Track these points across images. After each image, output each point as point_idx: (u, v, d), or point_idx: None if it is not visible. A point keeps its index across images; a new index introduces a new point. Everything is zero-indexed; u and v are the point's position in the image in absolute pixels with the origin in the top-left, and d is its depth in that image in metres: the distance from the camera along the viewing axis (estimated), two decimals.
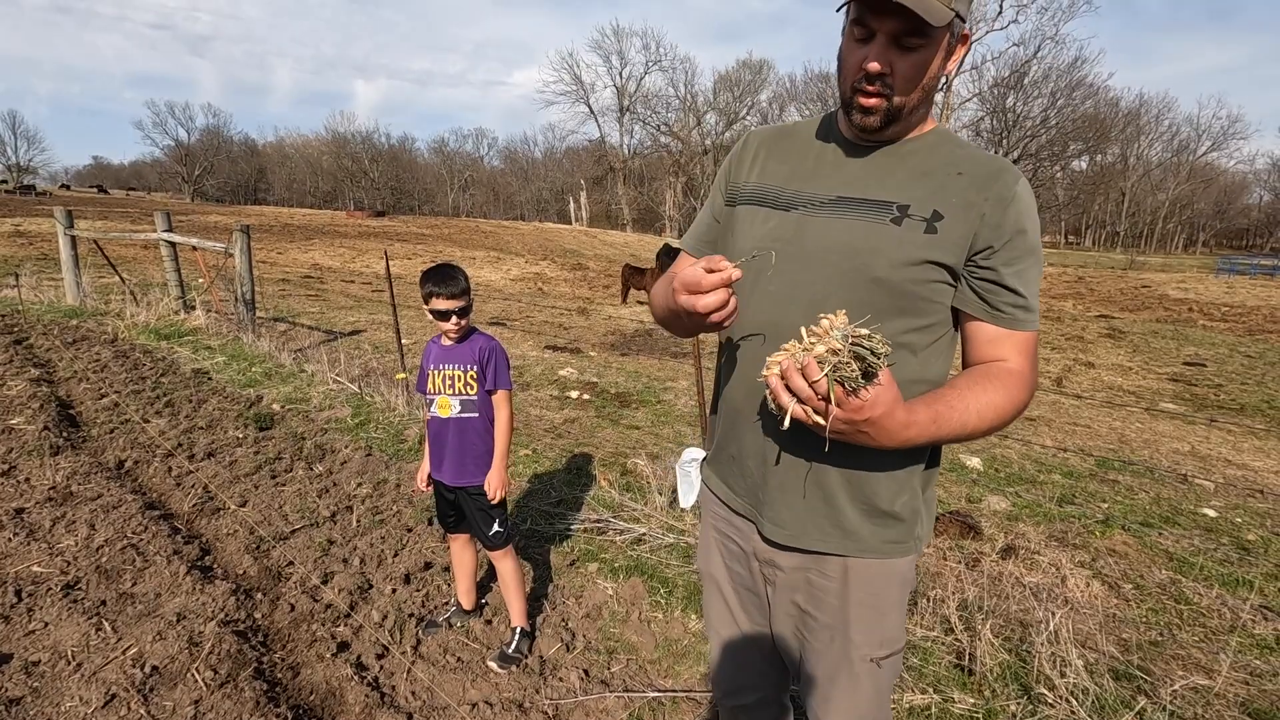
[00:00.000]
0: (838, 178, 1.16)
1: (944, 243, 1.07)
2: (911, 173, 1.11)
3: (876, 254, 1.08)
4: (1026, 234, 1.07)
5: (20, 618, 2.38)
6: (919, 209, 1.08)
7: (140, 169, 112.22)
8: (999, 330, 1.10)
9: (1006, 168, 1.09)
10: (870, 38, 1.03)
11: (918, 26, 0.99)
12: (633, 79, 68.23)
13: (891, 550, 1.19)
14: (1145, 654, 2.51)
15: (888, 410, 0.95)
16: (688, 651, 2.48)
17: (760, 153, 1.28)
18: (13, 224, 22.98)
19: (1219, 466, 5.40)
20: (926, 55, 1.03)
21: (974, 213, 1.06)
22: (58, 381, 5.40)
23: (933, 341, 1.14)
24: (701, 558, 1.46)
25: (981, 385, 1.07)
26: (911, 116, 1.10)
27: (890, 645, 1.23)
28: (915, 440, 1.01)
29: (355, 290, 14.09)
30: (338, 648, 2.35)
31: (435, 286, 2.21)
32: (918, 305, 1.10)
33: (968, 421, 1.05)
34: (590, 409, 5.69)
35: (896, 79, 1.04)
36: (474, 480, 2.34)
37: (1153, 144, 68.56)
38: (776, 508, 1.20)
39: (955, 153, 1.12)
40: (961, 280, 1.10)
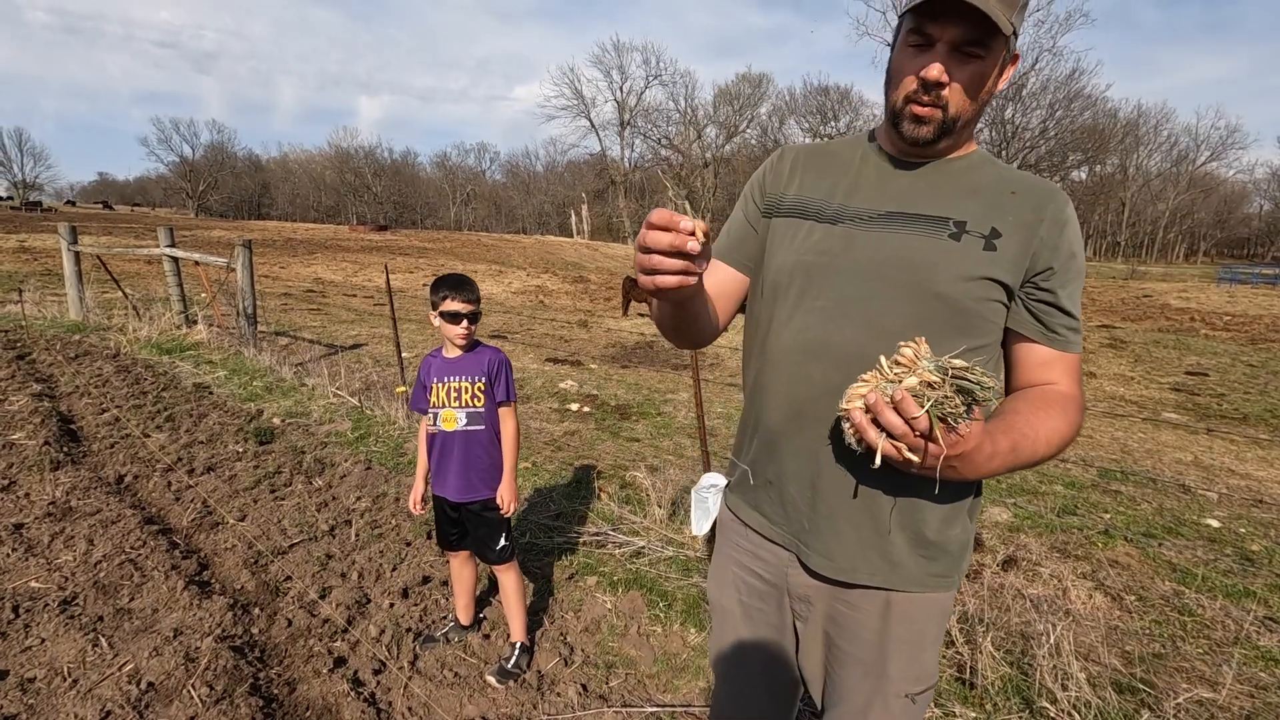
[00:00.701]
0: (886, 192, 1.13)
1: (1003, 261, 1.05)
2: (963, 189, 1.09)
3: (937, 268, 1.05)
4: (1076, 256, 1.07)
5: (17, 634, 2.37)
6: (976, 225, 1.06)
7: (145, 185, 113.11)
8: (1052, 352, 1.08)
9: (1058, 190, 1.09)
10: (929, 45, 1.01)
11: (981, 36, 0.98)
12: (633, 93, 68.84)
13: (937, 584, 1.15)
14: (1148, 666, 2.48)
15: (977, 444, 0.92)
16: (687, 666, 2.46)
17: (798, 167, 1.23)
18: (18, 240, 23.14)
19: (1222, 476, 5.37)
20: (986, 67, 1.01)
21: (1032, 233, 1.05)
22: (59, 396, 5.41)
23: (986, 363, 1.10)
24: (714, 589, 1.38)
25: (1045, 410, 1.04)
26: (963, 131, 1.08)
27: (925, 681, 1.18)
28: (997, 471, 0.98)
29: (357, 304, 14.13)
30: (335, 663, 2.33)
31: (450, 289, 2.20)
32: (975, 324, 1.07)
33: (1038, 449, 1.02)
34: (590, 421, 5.69)
35: (954, 90, 1.02)
36: (481, 495, 2.31)
37: (1152, 154, 68.82)
38: (825, 539, 1.14)
39: (1003, 173, 1.11)
40: (1017, 301, 1.08)
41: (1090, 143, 48.10)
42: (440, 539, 2.47)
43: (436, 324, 2.26)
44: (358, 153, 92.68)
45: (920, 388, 0.86)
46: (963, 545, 1.16)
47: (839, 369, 1.06)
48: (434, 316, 2.26)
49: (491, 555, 2.36)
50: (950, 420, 0.86)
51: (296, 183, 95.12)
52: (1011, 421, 1.01)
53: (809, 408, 1.11)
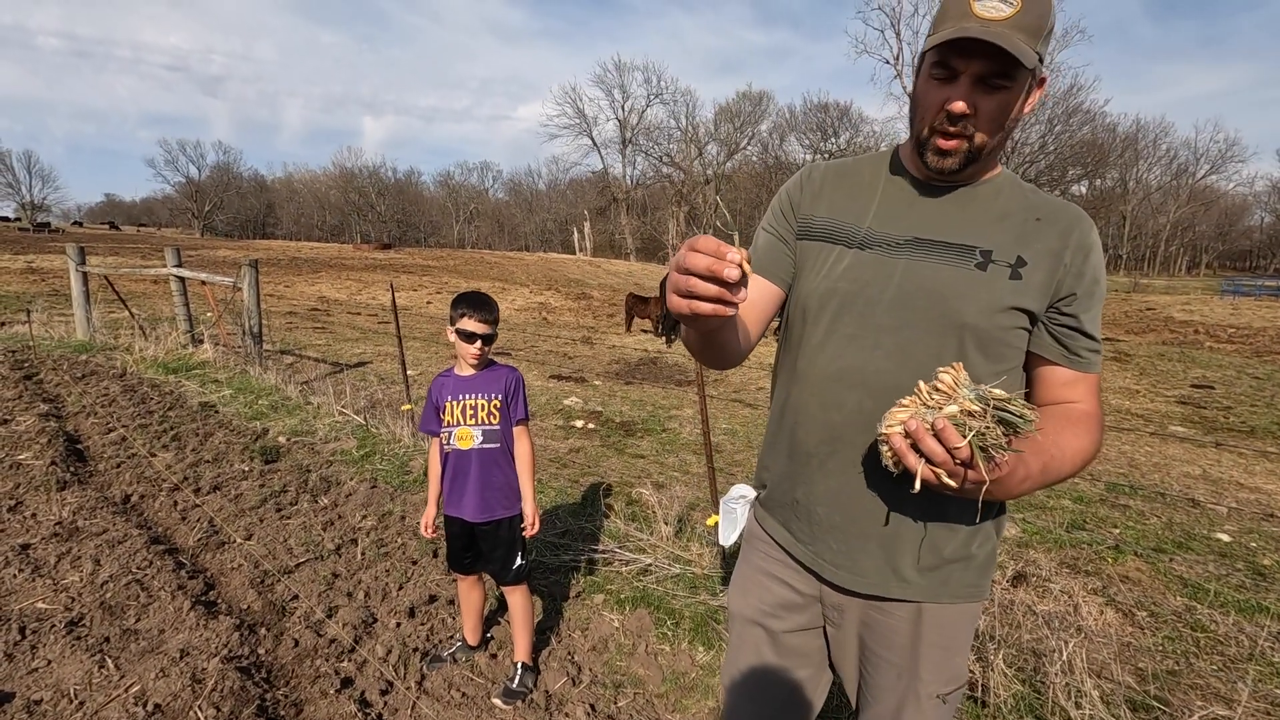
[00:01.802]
0: (912, 217, 1.14)
1: (1028, 289, 1.07)
2: (989, 216, 1.10)
3: (965, 300, 1.07)
4: (1099, 282, 1.09)
5: (24, 655, 2.36)
6: (1002, 255, 1.08)
7: (151, 205, 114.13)
8: (1073, 374, 1.11)
9: (1082, 215, 1.10)
10: (953, 78, 1.02)
11: (1005, 68, 0.98)
12: (635, 112, 69.50)
13: (968, 594, 1.18)
14: (1162, 684, 2.46)
15: (1011, 469, 0.94)
16: (696, 685, 2.44)
17: (825, 187, 1.24)
18: (25, 261, 23.33)
19: (1231, 490, 5.34)
20: (1011, 96, 1.01)
21: (1057, 261, 1.07)
22: (66, 416, 5.43)
23: (1009, 384, 1.12)
24: (736, 598, 1.38)
25: (1070, 430, 1.06)
26: (990, 158, 1.09)
27: (956, 681, 1.22)
28: (1028, 491, 1.01)
29: (361, 322, 14.19)
30: (341, 684, 2.32)
31: (469, 308, 2.20)
32: (1001, 350, 1.10)
33: (1064, 468, 1.04)
34: (595, 438, 5.69)
35: (980, 119, 1.03)
36: (498, 515, 2.30)
37: (1151, 168, 69.10)
38: (855, 557, 1.17)
39: (1029, 198, 1.12)
40: (1040, 326, 1.10)
41: (1090, 157, 48.32)
42: (453, 562, 2.43)
43: (452, 340, 2.26)
44: (362, 172, 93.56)
45: (961, 416, 0.87)
46: (989, 555, 1.19)
47: (872, 397, 1.10)
48: (450, 332, 2.25)
49: (508, 575, 2.35)
50: (991, 450, 0.88)
51: (301, 202, 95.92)
52: (1041, 444, 1.01)
53: (842, 433, 1.14)
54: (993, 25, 0.96)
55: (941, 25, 1.01)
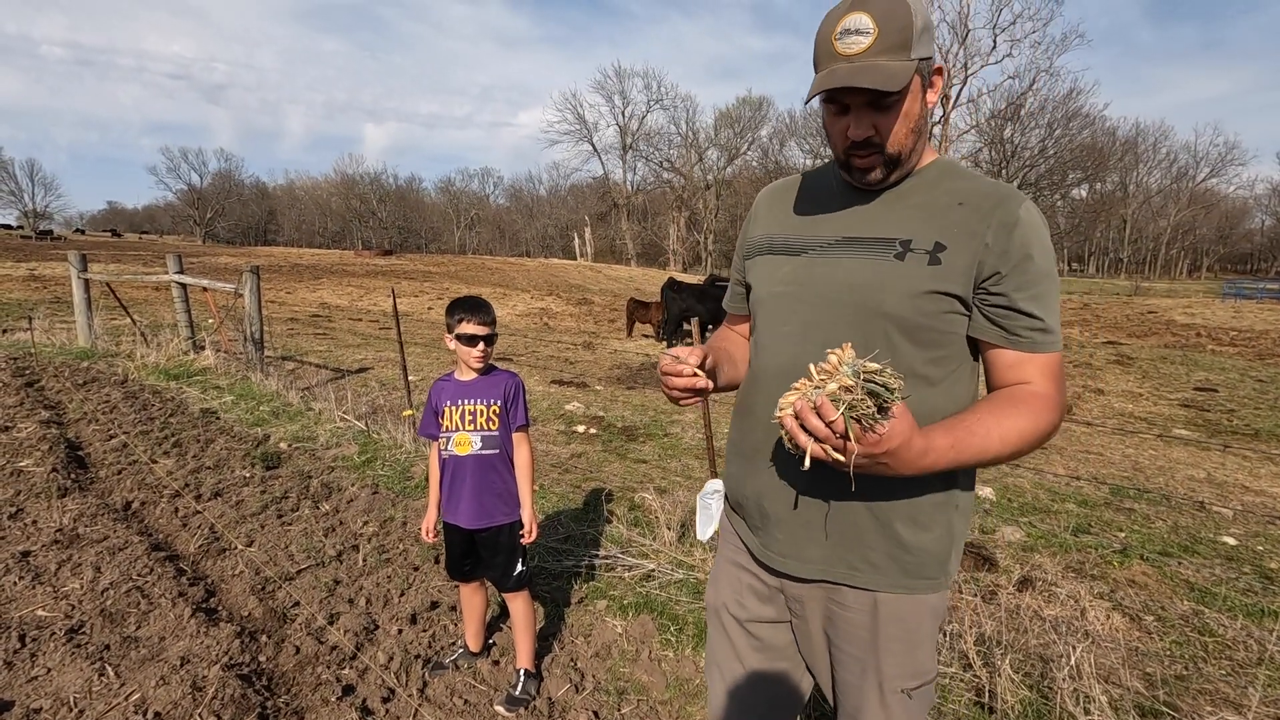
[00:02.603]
0: (843, 220, 1.19)
1: (948, 273, 1.08)
2: (914, 209, 1.13)
3: (883, 289, 1.10)
4: (1034, 258, 1.07)
5: (23, 663, 2.35)
6: (921, 242, 1.10)
7: (153, 213, 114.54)
8: (1019, 354, 1.10)
9: (1010, 194, 1.09)
10: (846, 110, 1.08)
11: (882, 93, 1.03)
12: (635, 117, 69.67)
13: (923, 586, 1.18)
14: (1171, 689, 2.43)
15: (905, 441, 0.94)
16: (699, 691, 2.42)
17: (768, 208, 1.34)
18: (28, 268, 23.39)
19: (1236, 493, 5.31)
20: (904, 104, 1.06)
21: (977, 241, 1.07)
22: (67, 423, 5.43)
23: (951, 371, 1.14)
24: (711, 591, 1.44)
25: (1004, 409, 1.06)
26: (910, 159, 1.13)
27: (921, 676, 1.22)
28: (935, 466, 1.00)
29: (363, 328, 14.20)
30: (343, 691, 2.30)
31: (466, 312, 2.18)
32: (931, 337, 1.11)
33: (989, 446, 1.03)
34: (597, 443, 5.67)
35: (883, 135, 1.08)
36: (497, 521, 2.28)
37: (1151, 171, 69.20)
38: (802, 544, 1.20)
39: (957, 184, 1.13)
40: (974, 309, 1.10)
41: (1090, 161, 48.40)
42: (452, 568, 2.41)
43: (452, 347, 2.24)
44: (363, 179, 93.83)
45: (839, 392, 0.90)
46: (945, 546, 1.18)
47: None
48: (449, 340, 2.23)
49: (509, 582, 2.33)
50: (864, 422, 0.90)
51: (302, 209, 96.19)
52: (960, 419, 1.05)
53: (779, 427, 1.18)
54: (856, 59, 1.02)
55: (817, 65, 1.08)
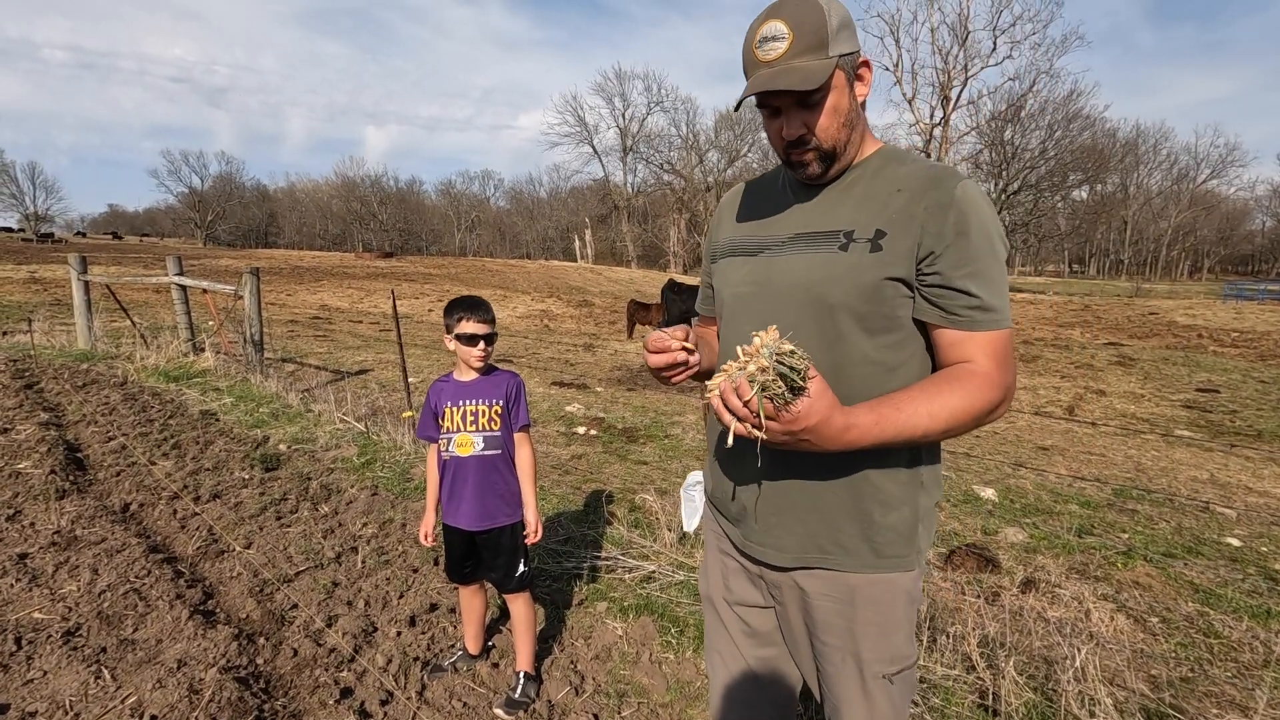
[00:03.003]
0: (794, 218, 1.24)
1: (890, 258, 1.11)
2: (857, 200, 1.17)
3: (830, 281, 1.14)
4: (969, 235, 1.08)
5: (19, 666, 2.33)
6: (863, 231, 1.13)
7: (154, 215, 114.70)
8: (959, 334, 1.11)
9: (945, 175, 1.11)
10: (778, 112, 1.14)
11: (808, 91, 1.08)
12: (635, 120, 69.74)
13: (893, 565, 1.20)
14: (1177, 691, 2.41)
15: (823, 418, 0.97)
16: (701, 694, 2.40)
17: (729, 212, 1.40)
18: (29, 271, 23.40)
19: (1239, 494, 5.29)
20: (831, 100, 1.12)
21: (914, 224, 1.10)
22: (66, 425, 5.41)
23: (908, 356, 1.16)
24: (702, 581, 1.48)
25: (938, 387, 1.08)
26: (846, 150, 1.17)
27: (901, 661, 1.23)
28: (858, 443, 1.02)
29: (363, 330, 14.19)
30: (341, 694, 2.28)
31: (465, 311, 2.16)
32: (882, 323, 1.13)
33: (917, 423, 1.05)
34: (597, 444, 5.65)
35: (815, 132, 1.13)
36: (499, 522, 2.26)
37: (1152, 173, 69.22)
38: (777, 533, 1.24)
39: (897, 171, 1.16)
40: (915, 291, 1.13)
41: (1090, 162, 48.36)
42: (452, 571, 2.38)
43: (452, 348, 2.21)
44: (364, 181, 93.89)
45: (756, 373, 0.95)
46: (911, 526, 1.21)
47: None
48: (449, 340, 2.21)
49: (511, 583, 2.31)
50: (776, 401, 0.94)
51: (303, 211, 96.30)
52: (889, 396, 1.07)
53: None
54: (776, 64, 1.08)
55: (746, 75, 1.15)
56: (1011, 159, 45.59)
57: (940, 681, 2.37)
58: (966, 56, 44.30)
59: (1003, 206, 45.83)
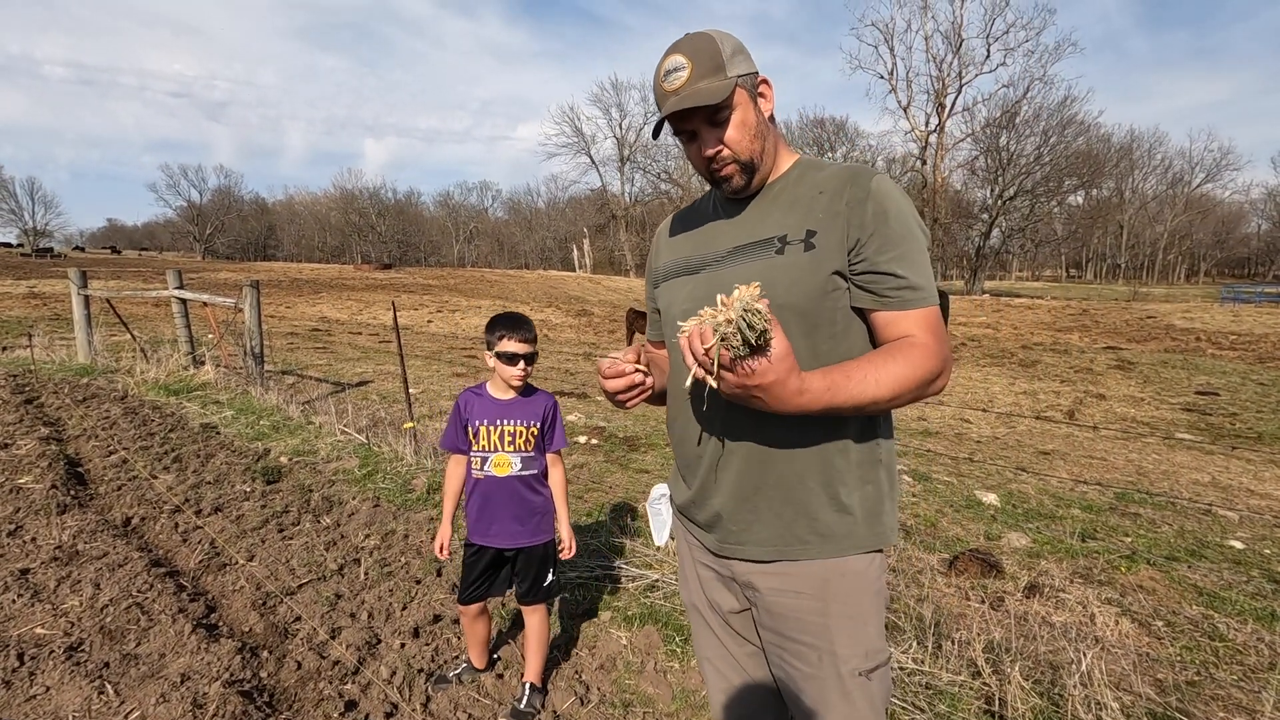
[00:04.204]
0: (729, 234, 1.31)
1: (823, 254, 1.18)
2: (784, 208, 1.26)
3: (773, 285, 1.19)
4: (888, 223, 1.16)
5: (22, 682, 2.32)
6: (795, 234, 1.21)
7: (153, 229, 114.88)
8: (891, 314, 1.18)
9: (859, 172, 1.21)
10: (694, 135, 1.24)
11: (714, 109, 1.19)
12: (632, 129, 69.96)
13: (865, 543, 1.24)
14: (1183, 695, 2.40)
15: (779, 379, 1.00)
16: (706, 703, 2.39)
17: (665, 239, 1.48)
18: (28, 286, 23.42)
19: (1241, 497, 5.29)
20: (739, 115, 1.21)
21: (839, 219, 1.18)
22: (67, 439, 5.41)
23: (849, 348, 1.21)
24: (683, 588, 1.51)
25: (884, 357, 1.14)
26: (766, 160, 1.27)
27: (875, 657, 1.25)
28: (810, 406, 1.06)
29: (362, 341, 14.19)
30: (345, 706, 2.27)
31: (507, 329, 2.12)
32: (830, 317, 1.20)
33: (866, 389, 1.10)
34: (599, 454, 5.65)
35: (731, 146, 1.22)
36: (539, 539, 2.26)
37: (1147, 177, 69.49)
38: (753, 529, 1.27)
39: (816, 177, 1.25)
40: (849, 282, 1.20)
41: (1085, 167, 48.52)
42: (465, 593, 2.32)
43: (491, 364, 2.18)
44: (362, 193, 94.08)
45: (722, 324, 0.97)
46: (877, 502, 1.25)
47: None
48: (489, 357, 2.17)
49: (538, 593, 2.30)
50: (733, 354, 0.97)
51: (302, 224, 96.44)
52: (840, 365, 1.13)
53: (711, 429, 1.28)
54: (681, 90, 1.19)
55: (659, 107, 1.24)
56: (1007, 165, 45.80)
57: (946, 688, 2.36)
58: (961, 64, 44.66)
59: (999, 212, 46.00)
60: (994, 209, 46.18)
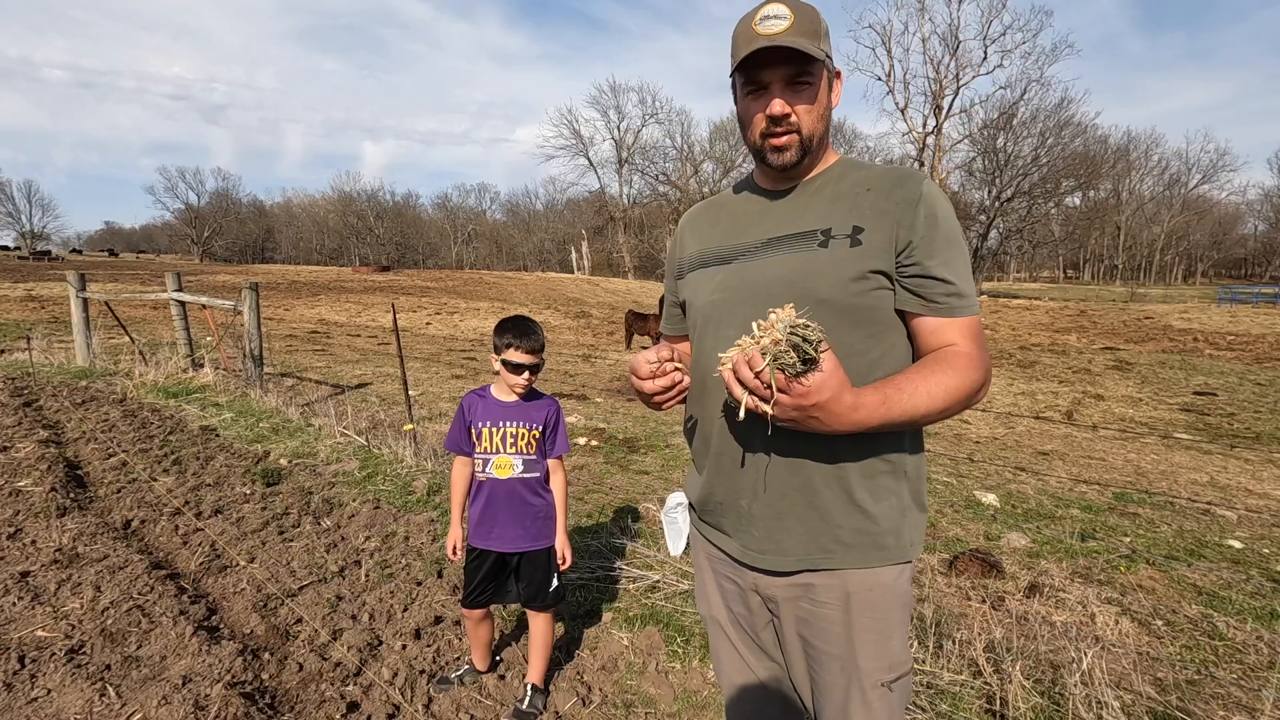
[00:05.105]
0: (764, 224, 1.27)
1: (870, 252, 1.15)
2: (826, 201, 1.22)
3: (815, 277, 1.16)
4: (939, 227, 1.14)
5: (23, 685, 2.32)
6: (840, 229, 1.18)
7: (150, 232, 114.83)
8: (939, 320, 1.16)
9: (909, 174, 1.19)
10: (765, 89, 1.18)
11: (802, 68, 1.15)
12: (630, 131, 69.94)
13: (889, 557, 1.20)
14: (1184, 694, 2.41)
15: (834, 395, 0.98)
16: (708, 703, 2.40)
17: (693, 228, 1.43)
18: (25, 289, 23.38)
19: (1240, 496, 5.30)
20: (815, 90, 1.18)
21: (889, 219, 1.15)
22: (66, 442, 5.40)
23: (887, 349, 1.19)
24: (701, 602, 1.47)
25: (932, 368, 1.11)
26: (820, 148, 1.23)
27: (898, 668, 1.23)
28: (866, 423, 1.04)
29: (361, 344, 14.19)
30: (347, 708, 2.27)
31: (516, 338, 2.11)
32: (868, 315, 1.17)
33: (918, 403, 1.08)
34: (599, 455, 5.65)
35: (799, 114, 1.18)
36: (542, 543, 2.26)
37: (1144, 178, 69.62)
38: (778, 538, 1.23)
39: (861, 174, 1.23)
40: (896, 283, 1.17)
41: (1082, 169, 48.59)
42: (469, 597, 2.31)
43: (497, 369, 2.18)
44: (360, 196, 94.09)
45: (770, 346, 0.94)
46: (899, 515, 1.22)
47: None
48: (495, 361, 2.18)
49: (545, 598, 2.30)
50: (787, 372, 0.93)
51: (300, 227, 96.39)
52: (891, 379, 1.10)
53: (739, 428, 1.22)
54: (777, 37, 1.13)
55: (738, 52, 1.18)
56: (1004, 166, 45.86)
57: (947, 687, 2.37)
58: (958, 66, 44.73)
59: (996, 213, 46.07)
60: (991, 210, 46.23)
